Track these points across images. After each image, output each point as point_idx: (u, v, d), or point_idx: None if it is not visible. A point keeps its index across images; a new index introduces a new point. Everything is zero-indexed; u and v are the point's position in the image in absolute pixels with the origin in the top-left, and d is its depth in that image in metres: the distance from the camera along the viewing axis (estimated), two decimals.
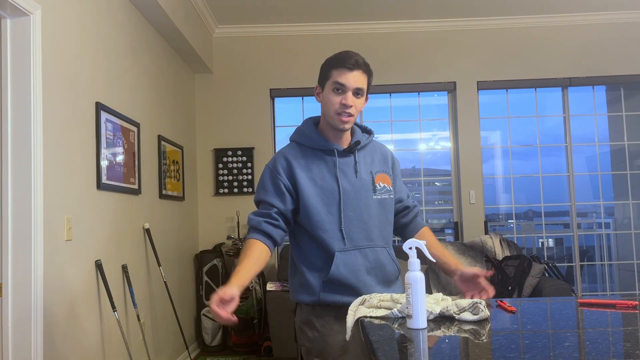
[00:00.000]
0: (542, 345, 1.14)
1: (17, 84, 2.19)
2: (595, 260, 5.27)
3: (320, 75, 1.78)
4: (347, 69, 1.69)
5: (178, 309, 4.06)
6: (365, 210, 1.75)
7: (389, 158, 1.91)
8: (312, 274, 1.71)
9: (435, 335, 1.26)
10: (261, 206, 1.76)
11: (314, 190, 1.72)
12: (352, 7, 4.60)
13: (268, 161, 1.83)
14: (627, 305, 1.48)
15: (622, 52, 4.93)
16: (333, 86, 1.70)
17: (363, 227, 1.73)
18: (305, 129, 1.81)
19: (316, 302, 1.71)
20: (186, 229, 4.52)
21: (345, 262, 1.69)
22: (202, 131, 4.97)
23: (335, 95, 1.70)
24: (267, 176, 1.77)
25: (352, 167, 1.77)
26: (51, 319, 2.30)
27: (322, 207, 1.71)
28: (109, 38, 3.03)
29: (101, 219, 2.84)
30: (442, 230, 5.24)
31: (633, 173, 5.02)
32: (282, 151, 1.81)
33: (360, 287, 1.70)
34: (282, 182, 1.74)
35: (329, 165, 1.75)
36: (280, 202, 1.73)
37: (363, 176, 1.78)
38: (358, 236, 1.72)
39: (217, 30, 4.96)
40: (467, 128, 4.93)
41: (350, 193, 1.73)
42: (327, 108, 1.73)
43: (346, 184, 1.74)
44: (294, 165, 1.74)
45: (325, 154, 1.77)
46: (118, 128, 3.08)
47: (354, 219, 1.73)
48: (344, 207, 1.72)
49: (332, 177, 1.74)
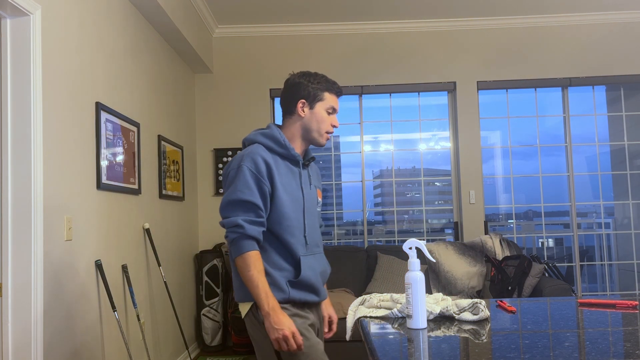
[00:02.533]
0: (542, 345, 1.14)
1: (17, 84, 2.19)
2: (595, 260, 5.27)
3: (307, 92, 1.87)
4: (336, 94, 1.91)
5: (178, 309, 4.06)
6: (315, 219, 1.90)
7: (320, 175, 2.09)
8: (278, 273, 1.76)
9: (435, 335, 1.26)
10: (247, 208, 1.73)
11: (286, 196, 1.80)
12: (352, 7, 4.60)
13: (240, 159, 1.78)
14: (627, 305, 1.48)
15: (622, 52, 4.93)
16: (327, 108, 1.87)
17: (315, 234, 1.89)
18: (278, 135, 1.85)
19: (285, 300, 1.75)
20: (186, 229, 4.52)
21: (308, 265, 1.80)
22: (202, 131, 4.97)
23: (328, 117, 1.88)
24: (249, 177, 1.75)
25: (308, 179, 1.91)
26: (51, 319, 2.30)
27: (292, 213, 1.80)
28: (109, 38, 3.03)
29: (101, 219, 2.84)
30: (442, 230, 5.24)
31: (633, 173, 5.02)
32: (257, 152, 1.79)
33: (318, 287, 1.84)
34: (266, 187, 1.77)
35: (295, 175, 1.86)
36: (264, 207, 1.76)
37: (313, 189, 1.93)
38: (312, 242, 1.86)
39: (217, 30, 4.96)
40: (467, 128, 4.93)
41: (309, 203, 1.87)
42: (318, 126, 1.87)
43: (306, 194, 1.87)
44: (272, 169, 1.78)
45: (292, 163, 1.87)
46: (118, 128, 3.08)
47: (311, 227, 1.86)
48: (306, 215, 1.84)
49: (297, 187, 1.85)
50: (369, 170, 5.15)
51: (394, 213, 5.10)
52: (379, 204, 5.31)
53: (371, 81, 4.96)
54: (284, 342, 1.64)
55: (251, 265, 1.69)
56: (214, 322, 4.54)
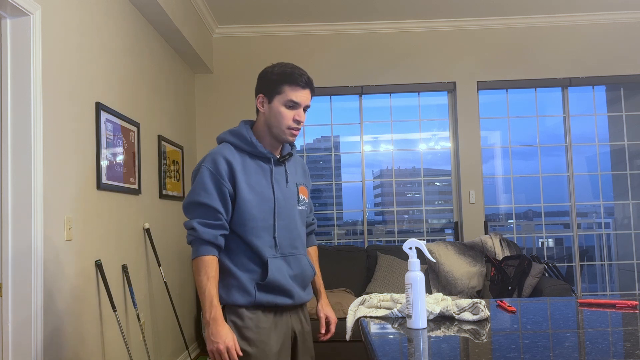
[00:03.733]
0: (542, 345, 1.14)
1: (17, 84, 2.19)
2: (595, 260, 5.27)
3: (266, 86, 1.77)
4: (300, 86, 1.74)
5: (178, 309, 4.06)
6: (292, 219, 1.80)
7: (306, 172, 1.99)
8: (244, 274, 1.70)
9: (435, 335, 1.26)
10: (204, 211, 1.68)
11: (251, 196, 1.71)
12: (352, 7, 4.60)
13: (203, 160, 1.74)
14: (627, 305, 1.48)
15: (622, 52, 4.93)
16: (285, 102, 1.73)
17: (289, 235, 1.78)
18: (244, 132, 1.78)
19: (252, 303, 1.69)
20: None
21: (276, 267, 1.72)
22: (202, 131, 4.97)
23: (288, 111, 1.74)
24: (208, 178, 1.69)
25: (284, 176, 1.81)
26: (51, 319, 2.30)
27: (258, 213, 1.72)
28: (109, 38, 3.03)
29: (101, 219, 2.84)
30: (442, 230, 5.24)
31: (633, 173, 5.02)
32: (219, 152, 1.73)
33: (291, 289, 1.75)
34: (227, 188, 1.70)
35: (265, 173, 1.77)
36: (225, 210, 1.70)
37: (291, 187, 1.82)
38: (285, 244, 1.76)
39: (217, 30, 4.96)
40: (467, 128, 4.93)
41: (282, 202, 1.77)
42: (278, 121, 1.74)
43: (279, 192, 1.77)
44: (235, 169, 1.71)
45: (262, 160, 1.78)
46: (118, 128, 3.08)
47: (283, 228, 1.76)
48: (277, 216, 1.75)
49: (268, 185, 1.76)
50: (369, 170, 5.15)
51: (394, 213, 5.10)
52: (379, 204, 5.31)
53: (371, 81, 4.96)
54: (218, 355, 1.60)
55: (202, 270, 1.64)
56: None
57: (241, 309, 1.70)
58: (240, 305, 1.69)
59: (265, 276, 1.69)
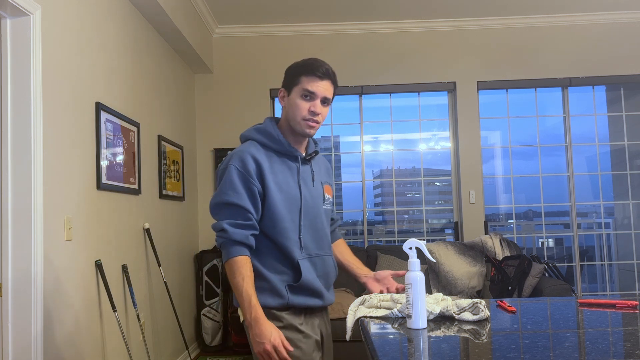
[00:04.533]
0: (542, 345, 1.14)
1: (17, 84, 2.19)
2: (595, 260, 5.27)
3: (286, 79, 1.73)
4: (317, 77, 1.68)
5: (178, 309, 4.06)
6: (318, 219, 1.75)
7: (330, 170, 1.95)
8: (277, 277, 1.66)
9: (435, 335, 1.26)
10: (233, 211, 1.63)
11: (280, 196, 1.67)
12: (352, 7, 4.60)
13: (229, 158, 1.69)
14: (627, 305, 1.48)
15: (622, 52, 4.93)
16: (302, 93, 1.68)
17: (316, 235, 1.74)
18: (271, 130, 1.73)
19: (284, 306, 1.66)
20: (186, 229, 4.52)
21: (307, 268, 1.69)
22: (202, 131, 4.97)
23: (304, 102, 1.68)
24: (236, 177, 1.64)
25: (310, 175, 1.77)
26: (51, 319, 2.30)
27: (287, 214, 1.67)
28: (109, 38, 3.03)
29: (101, 219, 2.84)
30: (442, 230, 5.24)
31: (633, 173, 5.02)
32: (247, 150, 1.68)
33: (321, 291, 1.72)
34: (256, 187, 1.65)
35: (292, 171, 1.72)
36: (254, 209, 1.65)
37: (317, 186, 1.78)
38: (311, 245, 1.72)
39: (217, 30, 4.96)
40: (467, 128, 4.93)
41: (309, 201, 1.72)
42: (294, 113, 1.69)
43: (306, 192, 1.72)
44: (263, 168, 1.66)
45: (289, 159, 1.73)
46: (118, 128, 3.08)
47: (309, 228, 1.72)
48: (303, 216, 1.70)
49: (295, 184, 1.71)
50: (369, 170, 5.15)
51: (394, 213, 5.10)
52: (379, 204, 5.31)
53: (371, 81, 4.96)
54: (266, 355, 1.55)
55: (236, 271, 1.59)
56: (214, 322, 4.54)
57: (274, 311, 1.66)
58: (272, 307, 1.65)
59: (298, 277, 1.66)
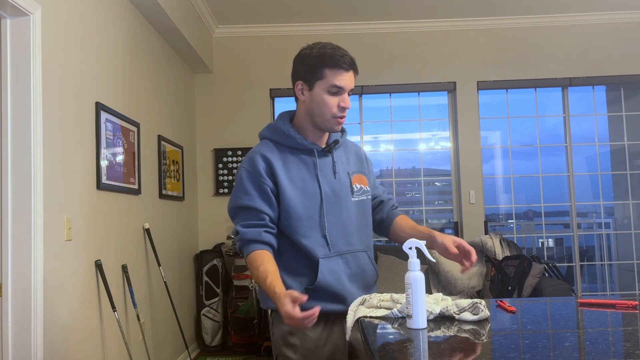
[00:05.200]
0: (542, 345, 1.14)
1: (17, 84, 2.19)
2: (595, 260, 5.27)
3: (303, 71, 1.62)
4: (343, 69, 1.58)
5: (178, 309, 4.06)
6: (345, 213, 1.64)
7: (362, 157, 1.82)
8: (293, 280, 1.57)
9: (435, 335, 1.26)
10: (247, 213, 1.58)
11: (294, 192, 1.59)
12: (352, 7, 4.60)
13: (243, 161, 1.66)
14: (627, 305, 1.48)
15: (622, 52, 4.93)
16: (328, 88, 1.58)
17: (343, 231, 1.63)
18: (281, 126, 1.65)
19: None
20: (186, 229, 4.52)
21: (329, 268, 1.58)
22: (202, 131, 4.97)
23: (332, 97, 1.59)
24: (246, 180, 1.59)
25: (331, 167, 1.66)
26: (51, 319, 2.30)
27: (303, 211, 1.58)
28: (109, 38, 3.03)
29: (101, 219, 2.84)
30: (442, 230, 5.23)
31: (633, 173, 5.02)
32: (257, 150, 1.64)
33: (345, 295, 1.60)
34: (268, 186, 1.58)
35: (309, 166, 1.63)
36: (269, 209, 1.58)
37: (341, 177, 1.67)
38: (339, 241, 1.61)
39: (217, 30, 4.96)
40: (467, 128, 4.93)
41: (330, 196, 1.62)
42: (321, 110, 1.60)
43: (326, 186, 1.62)
44: (274, 165, 1.60)
45: (304, 153, 1.64)
46: (118, 128, 3.08)
47: (335, 223, 1.61)
48: (326, 211, 1.60)
49: (312, 179, 1.61)
50: None
51: None
52: None
53: (371, 81, 4.95)
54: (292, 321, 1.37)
55: (252, 266, 1.52)
56: (214, 322, 4.54)
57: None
58: None
59: (315, 279, 1.56)
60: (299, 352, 1.57)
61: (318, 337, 1.59)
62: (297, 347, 1.58)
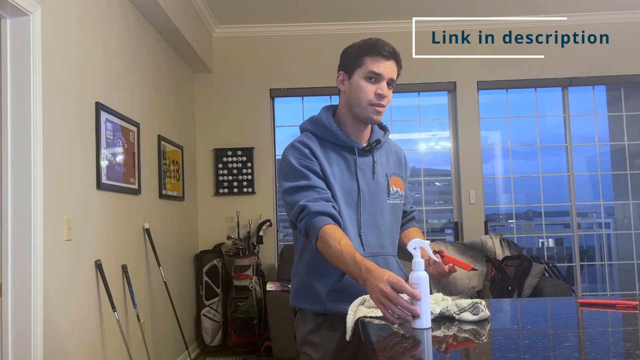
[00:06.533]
0: (542, 345, 1.14)
1: (17, 84, 2.19)
2: (595, 260, 5.26)
3: (346, 61, 1.62)
4: (383, 57, 1.56)
5: (178, 309, 4.06)
6: (380, 214, 1.61)
7: (402, 160, 1.77)
8: (319, 281, 1.55)
9: (435, 335, 1.26)
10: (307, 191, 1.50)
11: (334, 188, 1.56)
12: (352, 7, 4.60)
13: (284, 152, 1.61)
14: (627, 305, 1.48)
15: (622, 52, 4.92)
16: (366, 75, 1.56)
17: (376, 232, 1.60)
18: (324, 120, 1.62)
19: (321, 312, 1.56)
20: (186, 229, 4.52)
21: None
22: (202, 131, 4.97)
23: (369, 84, 1.56)
24: (297, 164, 1.55)
25: (370, 167, 1.63)
26: (51, 319, 2.30)
27: (345, 208, 1.55)
28: (109, 38, 3.03)
29: (101, 219, 2.84)
30: (442, 230, 5.24)
31: (633, 173, 5.02)
32: (298, 140, 1.60)
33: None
34: (317, 167, 1.55)
35: (349, 164, 1.60)
36: (324, 184, 1.53)
37: (379, 178, 1.63)
38: (373, 242, 1.58)
39: (217, 30, 4.96)
40: (467, 128, 4.93)
41: (367, 195, 1.59)
42: (358, 97, 1.57)
43: (364, 185, 1.60)
44: (317, 154, 1.57)
45: (345, 150, 1.61)
46: (118, 128, 3.08)
47: (369, 224, 1.58)
48: (362, 211, 1.57)
49: (351, 177, 1.59)
50: None
51: None
52: None
53: None
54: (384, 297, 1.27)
55: (328, 241, 1.41)
56: (214, 322, 4.54)
57: (310, 312, 1.58)
58: (309, 311, 1.58)
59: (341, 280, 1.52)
60: (319, 350, 1.56)
61: (339, 337, 1.56)
62: (317, 345, 1.57)
